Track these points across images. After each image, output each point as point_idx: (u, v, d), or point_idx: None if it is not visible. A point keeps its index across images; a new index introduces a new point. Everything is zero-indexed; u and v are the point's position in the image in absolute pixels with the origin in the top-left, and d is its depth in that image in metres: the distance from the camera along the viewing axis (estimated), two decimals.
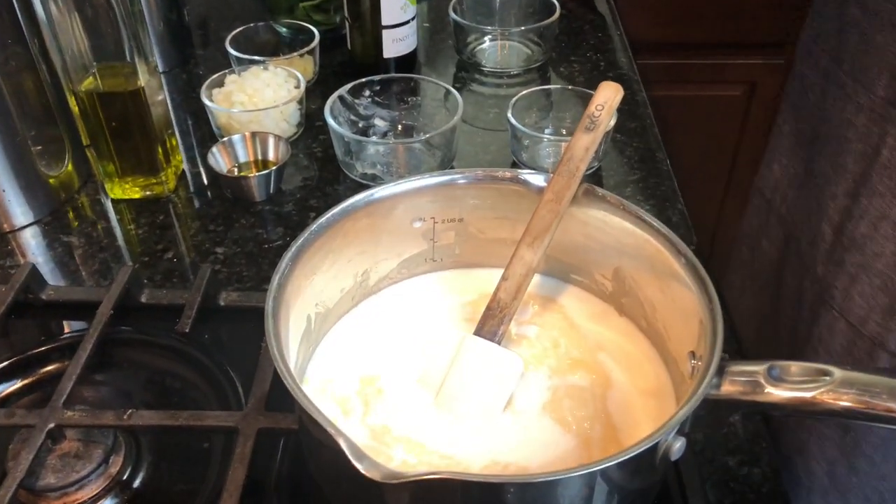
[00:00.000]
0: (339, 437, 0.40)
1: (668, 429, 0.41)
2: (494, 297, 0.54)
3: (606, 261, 0.58)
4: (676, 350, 0.52)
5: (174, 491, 0.57)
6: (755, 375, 0.43)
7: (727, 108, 1.55)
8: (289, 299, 0.49)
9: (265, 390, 0.57)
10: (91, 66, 0.76)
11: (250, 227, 0.80)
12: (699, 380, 0.43)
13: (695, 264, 0.49)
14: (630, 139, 0.90)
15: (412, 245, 0.60)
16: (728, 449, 0.59)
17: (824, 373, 0.42)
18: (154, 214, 0.82)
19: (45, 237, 0.79)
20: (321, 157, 0.89)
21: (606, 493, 0.44)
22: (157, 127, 0.81)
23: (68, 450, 0.56)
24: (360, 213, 0.55)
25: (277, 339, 0.45)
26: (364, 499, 0.46)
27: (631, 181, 0.84)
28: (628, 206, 0.53)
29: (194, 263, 0.76)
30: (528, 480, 0.40)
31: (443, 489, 0.40)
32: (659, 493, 0.52)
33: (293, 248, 0.50)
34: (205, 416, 0.56)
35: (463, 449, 0.50)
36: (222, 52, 0.98)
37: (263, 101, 0.87)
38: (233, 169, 0.84)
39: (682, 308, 0.50)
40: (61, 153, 0.83)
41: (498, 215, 0.59)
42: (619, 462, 0.40)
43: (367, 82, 0.88)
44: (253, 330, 0.51)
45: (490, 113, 0.96)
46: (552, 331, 0.58)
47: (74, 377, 0.58)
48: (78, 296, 0.69)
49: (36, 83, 0.79)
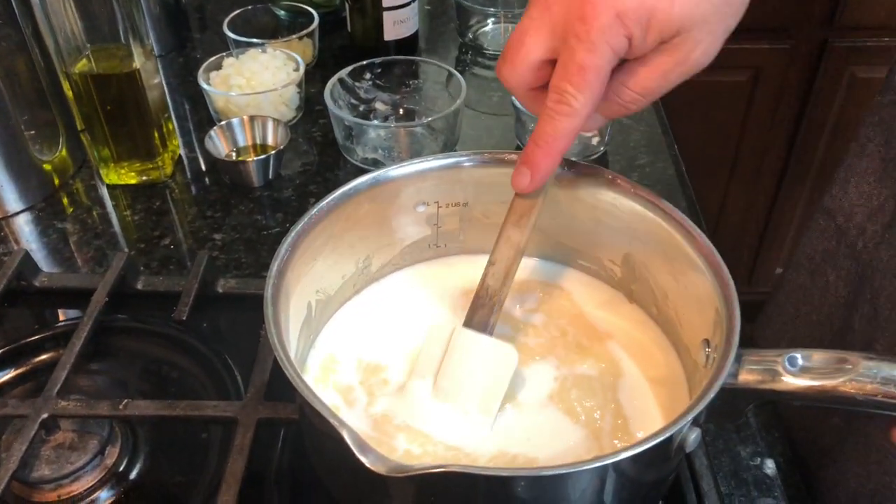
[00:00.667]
0: (342, 428, 0.38)
1: (683, 420, 0.40)
2: (482, 284, 0.51)
3: (616, 246, 0.56)
4: (689, 338, 0.51)
5: (172, 483, 0.55)
6: (773, 364, 0.42)
7: (731, 94, 1.53)
8: (289, 286, 0.47)
9: (265, 379, 0.55)
10: (84, 47, 0.74)
11: (249, 212, 0.78)
12: (716, 369, 0.41)
13: (710, 249, 0.47)
14: (636, 123, 0.88)
15: (415, 230, 0.58)
16: (740, 439, 0.58)
17: (846, 361, 0.40)
18: (150, 200, 0.80)
19: (38, 224, 0.78)
20: (321, 141, 0.87)
21: (619, 485, 0.42)
22: (153, 111, 0.79)
23: (63, 441, 0.55)
24: (361, 197, 0.53)
25: (277, 326, 0.44)
26: (368, 492, 0.44)
27: (637, 166, 0.83)
28: (640, 188, 0.52)
29: (192, 250, 0.74)
30: (539, 474, 0.39)
31: (450, 483, 0.38)
32: (671, 485, 0.51)
33: (293, 233, 0.49)
34: (202, 405, 0.54)
35: (469, 440, 0.48)
36: (220, 35, 0.96)
37: (262, 85, 0.85)
38: (231, 153, 0.83)
39: (696, 295, 0.48)
40: (55, 138, 0.81)
41: (504, 199, 0.57)
42: (633, 455, 0.38)
43: (368, 65, 0.86)
44: (252, 318, 0.50)
45: (493, 96, 0.94)
46: (559, 319, 0.57)
47: (69, 366, 0.57)
48: (72, 283, 0.67)
49: (28, 66, 0.77)
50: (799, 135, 1.56)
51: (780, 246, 1.73)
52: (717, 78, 1.50)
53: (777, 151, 1.59)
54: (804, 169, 1.60)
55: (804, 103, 1.52)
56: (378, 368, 0.53)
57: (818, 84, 1.49)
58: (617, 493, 0.43)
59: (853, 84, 1.48)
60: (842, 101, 1.50)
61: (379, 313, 0.57)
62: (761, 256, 1.76)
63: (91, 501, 0.53)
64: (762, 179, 1.64)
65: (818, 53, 1.46)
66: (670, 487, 0.51)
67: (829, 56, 1.45)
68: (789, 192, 1.64)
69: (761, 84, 1.50)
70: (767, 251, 1.75)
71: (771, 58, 1.47)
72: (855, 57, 1.45)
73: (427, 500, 0.41)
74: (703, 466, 0.53)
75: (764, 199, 1.67)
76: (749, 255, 1.76)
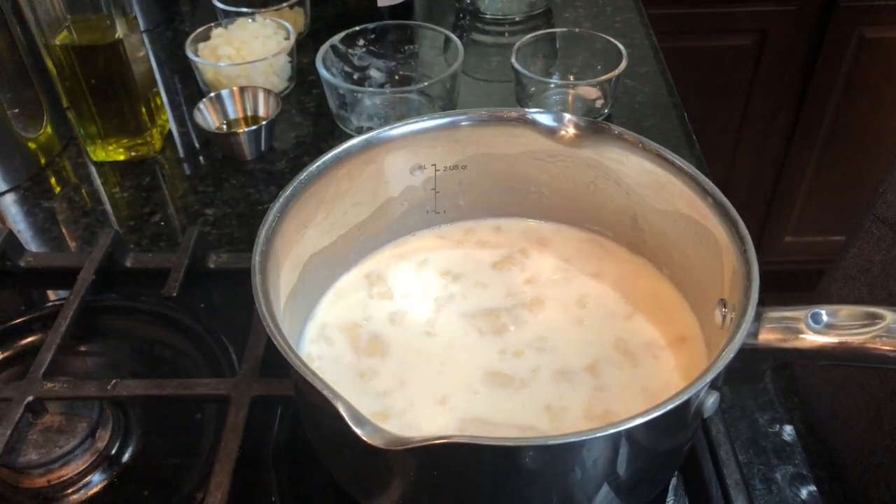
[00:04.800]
0: (337, 400, 0.35)
1: (701, 382, 0.37)
2: None
3: (624, 206, 0.53)
4: (704, 298, 0.48)
5: (166, 465, 0.53)
6: (796, 322, 0.39)
7: (737, 58, 1.49)
8: (278, 254, 0.45)
9: (258, 355, 0.53)
10: (65, 18, 0.71)
11: (241, 186, 0.75)
12: (735, 327, 0.38)
13: (724, 204, 0.45)
14: (641, 85, 0.85)
15: (412, 195, 0.55)
16: (758, 406, 0.55)
17: (876, 316, 0.38)
18: (140, 176, 0.77)
19: (24, 203, 0.75)
20: (314, 112, 0.84)
21: (633, 454, 0.40)
22: (140, 85, 0.77)
23: (51, 424, 0.52)
24: (354, 161, 0.50)
25: (266, 296, 0.41)
26: (368, 468, 0.42)
27: (644, 128, 0.80)
28: (647, 143, 0.49)
29: (183, 226, 0.72)
30: (547, 443, 0.36)
31: (453, 454, 0.36)
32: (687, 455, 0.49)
33: (281, 199, 0.46)
34: (194, 384, 0.52)
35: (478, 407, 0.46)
36: (209, 7, 0.93)
37: (251, 55, 0.82)
38: (221, 126, 0.80)
39: (710, 252, 0.46)
40: (39, 115, 0.78)
41: (505, 161, 0.54)
42: (648, 421, 0.36)
43: (362, 30, 0.83)
44: (245, 293, 0.47)
45: (492, 62, 0.91)
46: (571, 282, 0.54)
47: (54, 347, 0.54)
48: (58, 262, 0.64)
49: (8, 42, 0.74)
50: (807, 98, 1.52)
51: (789, 214, 1.70)
52: (722, 42, 1.47)
53: (785, 116, 1.56)
54: (813, 134, 1.57)
55: (812, 66, 1.48)
56: (377, 339, 0.51)
57: (826, 46, 1.45)
58: (631, 463, 0.40)
59: (862, 45, 1.43)
60: (851, 63, 1.46)
61: (376, 282, 0.55)
62: (769, 225, 1.73)
63: (83, 486, 0.51)
64: (770, 145, 1.60)
65: (825, 14, 1.42)
66: (687, 458, 0.49)
67: (836, 16, 1.41)
68: (797, 157, 1.61)
69: (768, 47, 1.46)
70: (776, 219, 1.71)
71: (777, 19, 1.43)
72: (863, 17, 1.41)
73: (430, 473, 0.39)
74: (721, 434, 0.50)
75: (772, 165, 1.64)
76: (757, 223, 1.72)
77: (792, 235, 1.74)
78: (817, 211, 1.68)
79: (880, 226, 0.69)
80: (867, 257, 0.70)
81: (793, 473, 0.52)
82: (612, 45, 0.79)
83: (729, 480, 0.48)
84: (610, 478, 0.40)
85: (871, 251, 0.69)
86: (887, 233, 0.68)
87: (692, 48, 1.46)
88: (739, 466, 0.49)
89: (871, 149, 1.56)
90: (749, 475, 0.51)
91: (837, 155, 1.58)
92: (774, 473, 0.52)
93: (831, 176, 1.62)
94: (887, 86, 1.47)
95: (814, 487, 0.51)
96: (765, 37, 1.45)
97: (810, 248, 1.74)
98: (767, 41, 1.46)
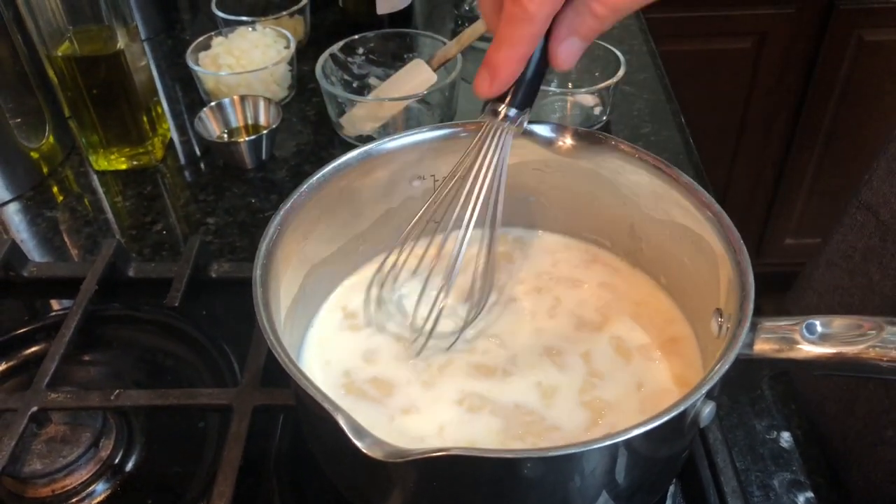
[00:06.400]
0: (337, 412, 0.36)
1: (697, 393, 0.37)
2: None
3: (621, 215, 0.53)
4: (700, 307, 0.48)
5: (169, 474, 0.54)
6: (791, 332, 0.39)
7: (736, 61, 1.49)
8: (279, 267, 0.45)
9: (260, 365, 0.53)
10: (66, 30, 0.72)
11: (242, 195, 0.76)
12: (730, 338, 0.39)
13: (720, 215, 0.45)
14: (640, 91, 0.86)
15: (412, 206, 0.56)
16: (755, 412, 0.55)
17: (869, 327, 0.38)
18: (141, 185, 0.78)
19: (27, 213, 0.76)
20: (315, 120, 0.85)
21: (631, 463, 0.40)
22: (141, 94, 0.77)
23: (55, 434, 0.53)
24: (354, 172, 0.51)
25: (267, 308, 0.42)
26: (368, 478, 0.43)
27: (642, 135, 0.80)
28: (644, 154, 0.49)
29: (185, 235, 0.72)
30: (547, 454, 0.37)
31: (452, 466, 0.36)
32: (685, 462, 0.49)
33: (282, 211, 0.47)
34: (196, 394, 0.52)
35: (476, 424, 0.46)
36: (209, 16, 0.93)
37: (252, 63, 0.83)
38: (222, 135, 0.80)
39: (707, 263, 0.46)
40: (41, 125, 0.79)
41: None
42: (646, 431, 0.36)
43: (361, 39, 0.83)
44: (247, 302, 0.48)
45: None
46: (564, 292, 0.54)
47: (58, 357, 0.55)
48: (61, 272, 0.65)
49: (11, 52, 0.75)
50: (806, 101, 1.52)
51: (789, 216, 1.70)
52: (720, 45, 1.47)
53: (784, 119, 1.56)
54: (812, 136, 1.57)
55: (811, 69, 1.48)
56: (376, 351, 0.51)
57: (825, 48, 1.45)
58: (629, 472, 0.41)
59: (861, 47, 1.44)
60: (850, 66, 1.46)
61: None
62: (770, 227, 1.73)
63: (87, 495, 0.52)
64: (769, 149, 1.61)
65: (824, 17, 1.42)
66: (685, 465, 0.49)
67: (835, 19, 1.41)
68: (797, 160, 1.61)
69: (766, 50, 1.46)
70: (776, 222, 1.72)
71: (776, 23, 1.43)
72: (862, 19, 1.41)
73: (429, 485, 0.39)
74: (718, 441, 0.50)
75: (772, 167, 1.64)
76: (757, 226, 1.73)
77: (792, 237, 1.74)
78: (817, 213, 1.68)
79: (864, 212, 0.68)
80: (850, 244, 0.69)
81: (790, 480, 0.52)
82: (610, 53, 0.80)
83: (726, 487, 0.48)
84: (608, 486, 0.41)
85: (854, 238, 0.69)
86: (870, 219, 0.67)
87: (691, 51, 1.46)
88: (737, 473, 0.49)
89: (870, 151, 1.56)
90: (746, 482, 0.51)
91: (837, 157, 1.58)
92: (772, 480, 0.52)
93: (831, 178, 1.62)
94: (886, 88, 1.48)
95: (811, 494, 0.51)
96: (764, 40, 1.46)
97: (811, 250, 1.74)
98: (766, 44, 1.46)
